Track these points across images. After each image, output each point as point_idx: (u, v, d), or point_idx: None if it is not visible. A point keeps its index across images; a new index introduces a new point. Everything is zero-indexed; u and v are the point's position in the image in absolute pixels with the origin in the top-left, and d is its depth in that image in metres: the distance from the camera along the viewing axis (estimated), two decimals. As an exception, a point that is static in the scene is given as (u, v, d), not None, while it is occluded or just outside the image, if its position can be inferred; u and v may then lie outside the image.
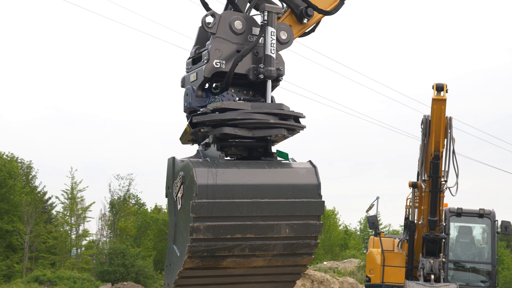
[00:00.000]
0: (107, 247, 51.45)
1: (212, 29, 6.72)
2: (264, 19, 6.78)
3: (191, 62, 7.03)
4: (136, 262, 46.92)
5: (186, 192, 6.17)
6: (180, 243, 6.38)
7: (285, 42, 7.02)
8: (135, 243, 53.07)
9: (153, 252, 52.88)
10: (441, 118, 13.53)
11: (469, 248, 17.98)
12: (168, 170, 6.74)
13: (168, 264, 6.74)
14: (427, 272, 14.38)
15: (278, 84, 6.99)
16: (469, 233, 18.11)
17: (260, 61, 6.83)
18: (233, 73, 6.60)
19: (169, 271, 6.68)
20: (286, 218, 6.27)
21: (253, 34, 6.89)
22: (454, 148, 13.76)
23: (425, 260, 14.54)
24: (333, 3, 7.52)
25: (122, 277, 46.08)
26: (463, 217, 17.36)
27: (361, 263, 45.91)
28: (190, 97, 6.79)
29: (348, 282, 32.13)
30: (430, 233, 14.40)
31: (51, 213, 55.25)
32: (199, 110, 6.79)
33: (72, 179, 51.24)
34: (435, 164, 13.72)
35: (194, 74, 6.85)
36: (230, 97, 6.63)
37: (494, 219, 17.21)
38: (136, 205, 58.34)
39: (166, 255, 6.81)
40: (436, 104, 13.44)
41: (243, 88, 6.89)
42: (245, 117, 6.32)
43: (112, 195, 54.54)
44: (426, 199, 14.30)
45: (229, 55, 6.73)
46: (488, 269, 17.30)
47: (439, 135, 13.63)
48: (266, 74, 6.72)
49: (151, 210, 59.03)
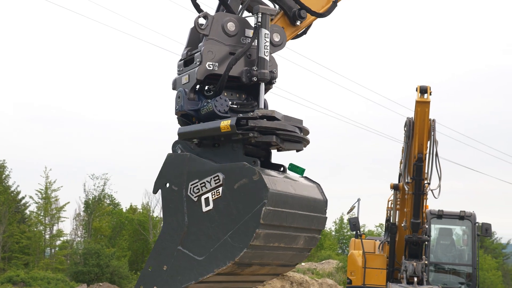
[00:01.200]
0: (81, 247, 51.15)
1: (204, 30, 6.59)
2: (258, 20, 6.66)
3: (183, 64, 6.88)
4: (111, 262, 46.74)
5: (236, 196, 5.91)
6: (200, 246, 6.04)
7: (278, 44, 6.92)
8: (110, 243, 52.83)
9: (128, 252, 52.67)
10: (424, 121, 13.51)
11: (449, 250, 18.02)
12: (171, 167, 6.33)
13: (161, 267, 6.23)
14: (410, 275, 14.36)
15: (271, 87, 6.88)
16: (449, 235, 18.16)
17: (253, 63, 6.72)
18: (227, 76, 6.48)
19: (164, 274, 6.23)
20: (306, 231, 6.35)
21: (246, 36, 6.78)
22: (437, 151, 13.74)
23: (408, 262, 14.52)
24: (325, 5, 7.46)
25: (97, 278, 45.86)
26: (444, 219, 17.40)
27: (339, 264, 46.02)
28: (182, 99, 6.64)
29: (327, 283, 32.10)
30: (413, 235, 14.38)
31: (24, 213, 54.66)
32: (191, 113, 6.65)
33: (46, 179, 50.89)
34: (418, 167, 13.69)
35: (186, 76, 6.71)
36: (223, 101, 6.49)
37: (475, 221, 17.24)
38: (111, 205, 58.06)
39: (157, 257, 6.25)
40: (420, 106, 13.41)
41: (235, 91, 6.77)
42: (291, 129, 6.28)
43: (86, 195, 54.34)
44: (409, 202, 14.27)
45: (221, 57, 6.61)
46: (468, 271, 17.36)
47: (423, 137, 13.61)
48: (260, 76, 6.61)
49: (126, 210, 58.79)
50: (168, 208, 6.25)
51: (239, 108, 6.72)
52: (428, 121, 13.55)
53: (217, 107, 6.46)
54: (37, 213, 52.35)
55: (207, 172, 6.10)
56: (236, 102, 6.70)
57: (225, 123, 6.17)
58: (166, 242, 6.21)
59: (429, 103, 13.42)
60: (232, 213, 5.87)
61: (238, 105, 6.73)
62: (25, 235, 49.97)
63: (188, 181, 6.17)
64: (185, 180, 6.19)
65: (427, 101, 13.39)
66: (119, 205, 59.12)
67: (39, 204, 51.73)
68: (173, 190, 6.23)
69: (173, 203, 6.22)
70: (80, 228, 55.36)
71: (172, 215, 6.21)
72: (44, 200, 51.27)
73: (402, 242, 16.04)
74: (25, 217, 54.24)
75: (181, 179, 6.20)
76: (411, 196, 14.07)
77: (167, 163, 6.34)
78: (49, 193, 51.19)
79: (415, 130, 13.75)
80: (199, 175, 6.12)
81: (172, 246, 6.17)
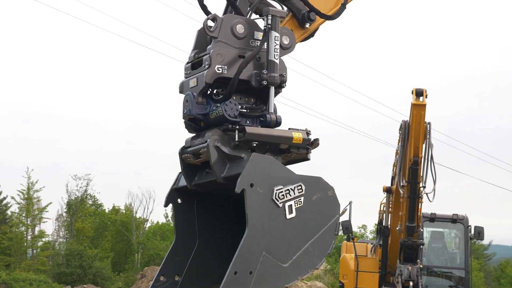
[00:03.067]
0: (64, 248, 50.78)
1: (213, 32, 6.45)
2: (268, 23, 6.53)
3: (190, 67, 6.74)
4: (94, 263, 46.53)
5: (314, 207, 6.28)
6: (284, 253, 6.16)
7: (287, 47, 6.80)
8: (93, 244, 52.53)
9: (111, 253, 52.41)
10: (420, 124, 13.38)
11: (441, 253, 17.97)
12: (257, 168, 6.17)
13: (247, 272, 6.02)
14: (405, 279, 14.27)
15: (281, 90, 6.76)
16: (441, 238, 18.10)
17: (262, 66, 6.60)
18: (237, 80, 6.33)
19: (250, 280, 6.05)
20: None
21: (255, 38, 6.66)
22: (433, 154, 13.64)
23: (403, 266, 14.42)
24: (333, 7, 7.37)
25: (80, 279, 45.61)
26: (436, 222, 17.34)
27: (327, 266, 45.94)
28: (190, 103, 6.50)
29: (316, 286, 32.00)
30: (408, 239, 14.26)
31: (6, 213, 54.20)
32: (199, 117, 6.51)
33: (28, 179, 50.39)
34: (414, 170, 13.55)
35: (194, 80, 6.57)
36: (233, 106, 6.37)
37: (468, 225, 17.19)
38: (94, 205, 57.68)
39: (244, 261, 6.02)
40: (416, 109, 13.29)
41: (244, 95, 6.63)
42: None
43: (69, 195, 53.96)
44: (404, 205, 14.16)
45: (230, 60, 6.48)
46: (461, 275, 17.31)
47: (419, 140, 13.48)
48: (270, 80, 6.50)
49: (109, 211, 58.39)
50: (252, 210, 6.08)
51: (248, 113, 6.59)
52: (424, 124, 13.44)
53: (227, 111, 6.35)
54: (19, 213, 51.92)
55: (290, 180, 6.23)
56: (245, 106, 6.57)
57: (297, 136, 6.45)
58: (253, 246, 6.07)
59: (425, 106, 13.31)
60: (311, 223, 6.19)
61: (248, 109, 6.59)
62: (6, 236, 49.46)
63: (272, 185, 6.16)
64: (269, 183, 6.16)
65: (423, 104, 13.27)
66: (102, 205, 58.78)
67: (21, 204, 51.27)
68: (258, 192, 6.12)
69: (259, 205, 6.12)
70: (62, 229, 55.01)
71: (258, 218, 6.10)
72: (26, 200, 50.79)
73: (394, 245, 15.94)
74: (6, 218, 53.74)
75: (266, 182, 6.16)
76: (406, 199, 13.95)
77: (253, 164, 6.16)
78: (31, 193, 50.73)
79: (410, 133, 13.63)
80: (282, 181, 6.19)
81: (259, 251, 6.09)
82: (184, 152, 6.71)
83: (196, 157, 6.57)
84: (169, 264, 6.94)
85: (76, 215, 53.62)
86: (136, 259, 53.07)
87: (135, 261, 53.13)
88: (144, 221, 56.49)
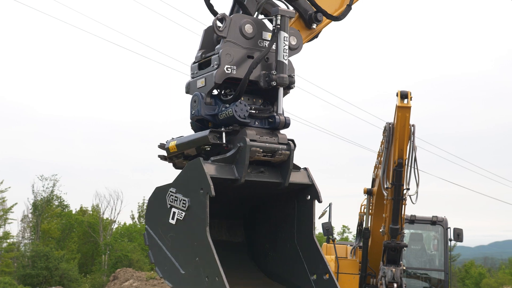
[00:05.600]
0: (29, 249, 50.16)
1: (222, 32, 6.32)
2: (277, 23, 6.42)
3: (197, 67, 6.60)
4: (60, 265, 46.10)
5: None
6: None
7: (294, 48, 6.71)
8: (59, 246, 51.99)
9: (77, 255, 51.98)
10: (405, 126, 13.39)
11: (420, 255, 18.06)
12: None
13: None
14: (389, 281, 14.26)
15: (289, 92, 6.64)
16: (420, 240, 18.19)
17: (270, 67, 6.51)
18: (247, 80, 6.22)
19: None
20: None
21: (263, 39, 6.55)
22: (416, 156, 13.65)
23: (386, 268, 14.40)
24: (338, 8, 7.31)
25: (46, 281, 45.12)
26: (416, 224, 17.41)
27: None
28: (198, 104, 6.37)
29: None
30: (391, 241, 14.24)
31: (-31, 214, 53.31)
32: (207, 118, 6.38)
33: (-7, 179, 49.56)
34: (398, 172, 13.54)
35: (202, 80, 6.44)
36: (243, 106, 6.25)
37: (447, 227, 17.29)
38: (60, 206, 57.06)
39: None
40: (401, 111, 13.29)
41: (252, 96, 6.52)
42: None
43: (35, 196, 53.29)
44: (388, 207, 14.16)
45: (239, 60, 6.38)
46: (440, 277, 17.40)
47: (403, 142, 13.48)
48: (279, 81, 6.39)
49: (75, 212, 57.81)
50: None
51: (258, 114, 6.49)
52: (409, 126, 13.46)
53: (237, 112, 6.24)
54: (-17, 214, 51.11)
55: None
56: (253, 107, 6.46)
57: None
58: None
59: (410, 108, 13.33)
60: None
61: (256, 110, 6.49)
62: (-30, 237, 48.77)
63: None
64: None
65: (408, 106, 13.29)
66: (68, 206, 58.14)
67: (-15, 205, 50.49)
68: None
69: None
70: (28, 230, 54.31)
71: None
72: (-10, 201, 50.06)
73: (374, 247, 15.95)
74: (-30, 218, 52.92)
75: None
76: (390, 201, 13.94)
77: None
78: (-4, 194, 49.99)
79: (395, 135, 13.62)
80: None
81: None
82: (253, 146, 6.45)
83: (269, 155, 6.39)
84: None
85: (42, 216, 53.10)
86: (103, 261, 52.63)
87: (102, 262, 52.68)
88: (111, 222, 56.04)
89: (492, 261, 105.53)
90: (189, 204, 6.09)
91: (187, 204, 6.10)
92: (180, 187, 6.21)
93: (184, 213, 6.13)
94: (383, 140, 14.53)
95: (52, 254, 46.13)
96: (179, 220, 6.15)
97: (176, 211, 6.17)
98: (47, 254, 45.82)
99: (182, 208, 6.14)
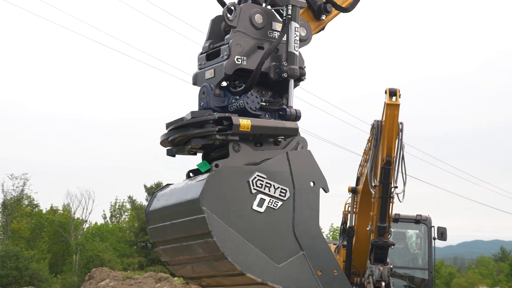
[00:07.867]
0: (-1, 249, 49.52)
1: (233, 22, 6.16)
2: (288, 13, 6.27)
3: (205, 57, 6.42)
4: (31, 265, 45.62)
5: None
6: None
7: (304, 39, 6.59)
8: (29, 246, 51.45)
9: (48, 254, 51.51)
10: (394, 123, 13.28)
11: (403, 254, 18.00)
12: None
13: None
14: (377, 279, 14.16)
15: (299, 84, 6.50)
16: (403, 239, 18.14)
17: (280, 58, 6.37)
18: (259, 72, 6.05)
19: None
20: (190, 238, 6.32)
21: (273, 29, 6.40)
22: (404, 154, 13.56)
23: (374, 267, 14.28)
24: (347, 0, 7.21)
25: (16, 281, 44.60)
26: (400, 223, 17.34)
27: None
28: (207, 96, 6.18)
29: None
30: (379, 239, 14.12)
31: None
32: (217, 110, 6.19)
33: (-39, 178, 48.88)
34: (386, 170, 13.41)
35: (211, 71, 6.26)
36: (254, 98, 6.10)
37: (431, 225, 17.24)
38: (30, 206, 56.44)
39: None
40: (390, 109, 13.17)
41: (261, 88, 6.35)
42: None
43: (5, 195, 52.68)
44: (376, 205, 14.04)
45: (249, 50, 6.23)
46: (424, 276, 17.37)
47: (391, 140, 13.36)
48: (290, 72, 6.27)
49: (46, 211, 57.18)
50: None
51: (268, 106, 6.34)
52: (397, 124, 13.35)
53: (249, 104, 6.09)
54: (-49, 214, 50.38)
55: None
56: (264, 100, 6.31)
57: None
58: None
59: (399, 106, 13.23)
60: None
61: (266, 103, 6.34)
62: None
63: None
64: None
65: (396, 104, 13.18)
66: (39, 206, 57.54)
67: (-46, 204, 49.77)
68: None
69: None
70: (-3, 230, 53.60)
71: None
72: (-42, 200, 49.34)
73: (359, 246, 15.84)
74: None
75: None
76: (377, 199, 13.82)
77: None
78: (-36, 193, 49.30)
79: (383, 133, 13.51)
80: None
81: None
82: None
83: None
84: None
85: (12, 215, 52.49)
86: (74, 261, 52.13)
87: (73, 262, 52.18)
88: (82, 222, 55.53)
89: (462, 261, 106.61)
90: (290, 194, 5.89)
91: (287, 194, 5.91)
92: (273, 174, 5.89)
93: (280, 203, 5.90)
94: (370, 138, 14.41)
95: (22, 254, 45.63)
96: (271, 208, 5.84)
97: (266, 199, 5.83)
98: (17, 254, 45.30)
99: (280, 197, 5.87)
